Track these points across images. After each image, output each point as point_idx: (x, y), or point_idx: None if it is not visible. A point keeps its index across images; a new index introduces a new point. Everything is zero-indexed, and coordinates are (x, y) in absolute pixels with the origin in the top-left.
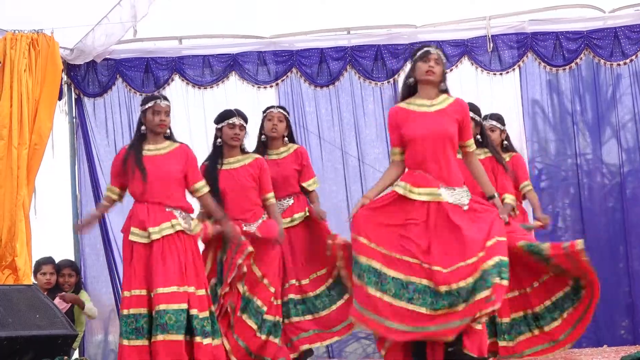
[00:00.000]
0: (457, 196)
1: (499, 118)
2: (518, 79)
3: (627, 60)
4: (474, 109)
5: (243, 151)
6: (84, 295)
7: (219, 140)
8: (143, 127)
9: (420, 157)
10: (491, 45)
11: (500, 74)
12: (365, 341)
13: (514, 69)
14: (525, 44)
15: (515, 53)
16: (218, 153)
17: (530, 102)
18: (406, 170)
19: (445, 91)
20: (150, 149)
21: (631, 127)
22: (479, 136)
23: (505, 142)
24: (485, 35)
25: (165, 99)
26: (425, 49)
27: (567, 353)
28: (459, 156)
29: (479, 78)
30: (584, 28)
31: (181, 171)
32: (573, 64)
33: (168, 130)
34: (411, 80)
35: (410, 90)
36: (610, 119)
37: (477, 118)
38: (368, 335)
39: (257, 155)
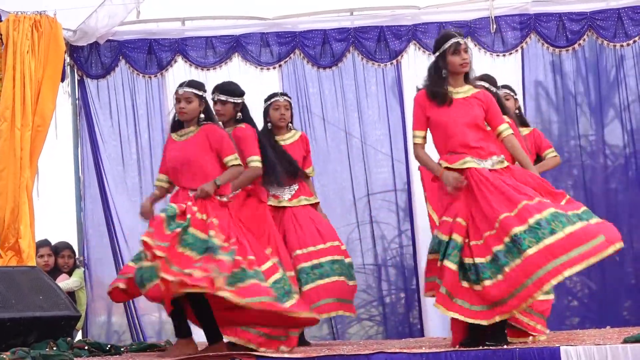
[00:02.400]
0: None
1: (510, 87)
2: (521, 60)
3: (631, 42)
4: (490, 80)
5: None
6: (78, 273)
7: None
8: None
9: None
10: (494, 26)
11: (504, 55)
12: (368, 323)
13: (517, 50)
14: (529, 25)
15: (518, 34)
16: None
17: (533, 84)
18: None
19: (469, 78)
20: (181, 135)
21: (634, 109)
22: None
23: (517, 112)
24: (489, 17)
25: (187, 84)
26: (453, 40)
27: (570, 334)
28: None
29: (482, 59)
30: (587, 9)
31: (202, 154)
32: (576, 45)
33: (202, 115)
34: (444, 72)
35: (440, 82)
36: (614, 100)
37: (493, 89)
38: (370, 317)
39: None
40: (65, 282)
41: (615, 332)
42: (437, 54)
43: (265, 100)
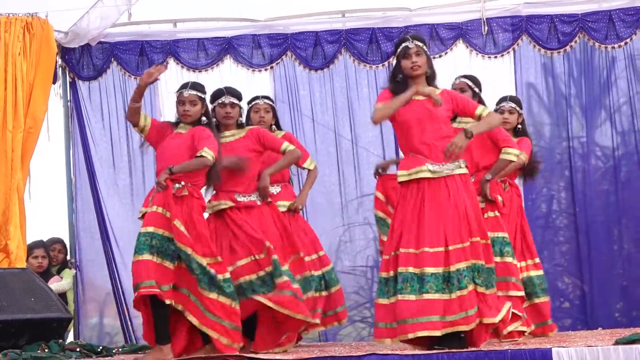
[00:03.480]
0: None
1: (518, 101)
2: (513, 62)
3: (622, 43)
4: (474, 80)
5: (239, 126)
6: (67, 274)
7: (214, 119)
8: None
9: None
10: (486, 28)
11: (495, 57)
12: (360, 324)
13: (508, 52)
14: (520, 26)
15: (510, 36)
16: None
17: (525, 85)
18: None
19: (432, 77)
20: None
21: (625, 110)
22: None
23: (519, 127)
24: (480, 18)
25: (192, 87)
26: (404, 44)
27: (562, 335)
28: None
29: (473, 61)
30: (578, 11)
31: (183, 153)
32: (568, 47)
33: (203, 118)
34: (400, 76)
35: (401, 86)
36: (605, 102)
37: (476, 90)
38: (363, 319)
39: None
40: (57, 284)
41: (607, 334)
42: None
43: (248, 103)
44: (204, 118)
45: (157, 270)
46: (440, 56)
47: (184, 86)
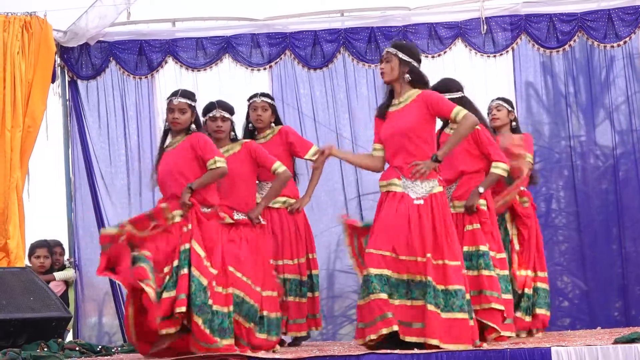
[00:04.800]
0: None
1: (506, 100)
2: (512, 61)
3: (621, 42)
4: (448, 85)
5: (233, 140)
6: (70, 272)
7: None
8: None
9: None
10: (485, 27)
11: (494, 56)
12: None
13: (507, 51)
14: (519, 26)
15: (509, 35)
16: None
17: (524, 85)
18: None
19: (417, 81)
20: (168, 145)
21: (624, 109)
22: None
23: (514, 124)
24: (479, 17)
25: (181, 95)
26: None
27: (561, 335)
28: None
29: (472, 60)
30: (577, 10)
31: (183, 162)
32: (567, 46)
33: (193, 126)
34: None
35: (389, 95)
36: (604, 101)
37: (455, 95)
38: None
39: (245, 140)
40: (62, 273)
41: (606, 333)
42: None
43: (247, 100)
44: (193, 126)
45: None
46: (439, 55)
47: (174, 94)
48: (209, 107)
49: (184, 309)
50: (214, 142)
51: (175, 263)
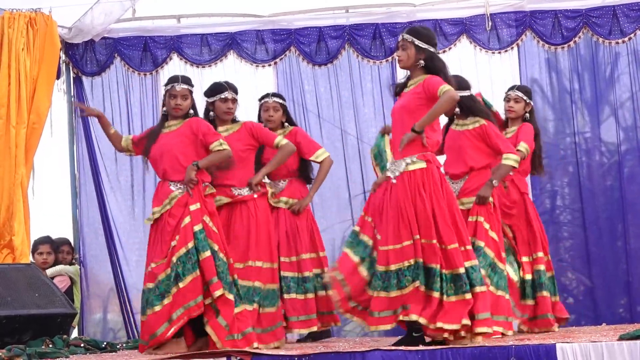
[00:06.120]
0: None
1: (526, 91)
2: (517, 58)
3: (626, 39)
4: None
5: (233, 121)
6: (75, 268)
7: (211, 113)
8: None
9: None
10: (490, 23)
11: (499, 52)
12: None
13: (512, 48)
14: (524, 22)
15: (513, 31)
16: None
17: (528, 81)
18: None
19: (431, 69)
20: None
21: (629, 106)
22: (457, 109)
23: (527, 115)
24: (484, 14)
25: (183, 81)
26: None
27: (566, 331)
28: None
29: (477, 57)
30: (582, 6)
31: (182, 146)
32: (572, 43)
33: (191, 111)
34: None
35: (404, 81)
36: (609, 98)
37: (463, 94)
38: None
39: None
40: (61, 267)
41: (611, 329)
42: None
43: (258, 100)
44: (191, 111)
45: None
46: (444, 52)
47: (175, 80)
48: (219, 89)
49: (221, 291)
50: (218, 123)
51: (191, 244)
